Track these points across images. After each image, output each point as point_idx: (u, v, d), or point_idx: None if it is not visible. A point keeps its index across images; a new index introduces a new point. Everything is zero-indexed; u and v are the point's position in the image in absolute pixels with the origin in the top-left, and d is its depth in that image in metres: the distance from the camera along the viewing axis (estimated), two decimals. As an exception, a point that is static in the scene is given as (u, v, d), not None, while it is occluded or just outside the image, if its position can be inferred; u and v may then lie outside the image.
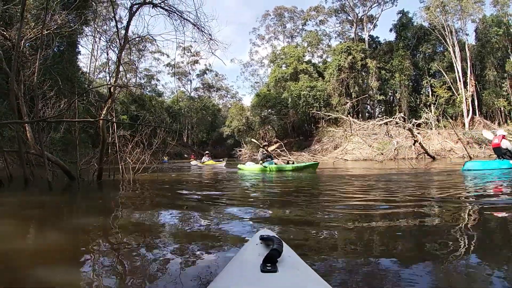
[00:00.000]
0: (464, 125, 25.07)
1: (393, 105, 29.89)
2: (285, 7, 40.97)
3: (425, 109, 26.34)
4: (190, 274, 1.47)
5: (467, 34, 28.50)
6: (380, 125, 19.69)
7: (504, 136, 7.22)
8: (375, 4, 32.57)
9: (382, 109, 31.01)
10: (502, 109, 25.64)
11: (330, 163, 13.99)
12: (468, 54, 26.04)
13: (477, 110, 26.44)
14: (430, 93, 28.19)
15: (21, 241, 2.15)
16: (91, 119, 5.65)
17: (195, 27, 6.62)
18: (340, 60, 27.06)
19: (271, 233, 1.12)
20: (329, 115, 23.14)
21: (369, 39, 32.97)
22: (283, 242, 0.98)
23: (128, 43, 7.10)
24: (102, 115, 5.79)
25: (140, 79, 43.40)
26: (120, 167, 6.94)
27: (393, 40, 30.49)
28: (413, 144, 15.11)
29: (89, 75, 30.29)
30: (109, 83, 6.65)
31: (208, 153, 17.67)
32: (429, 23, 27.97)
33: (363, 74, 28.79)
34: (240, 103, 43.54)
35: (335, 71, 27.21)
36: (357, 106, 27.95)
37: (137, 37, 7.33)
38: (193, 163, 17.56)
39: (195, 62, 45.81)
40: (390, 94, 29.97)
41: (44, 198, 4.33)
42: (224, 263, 1.50)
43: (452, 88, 26.59)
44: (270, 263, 0.84)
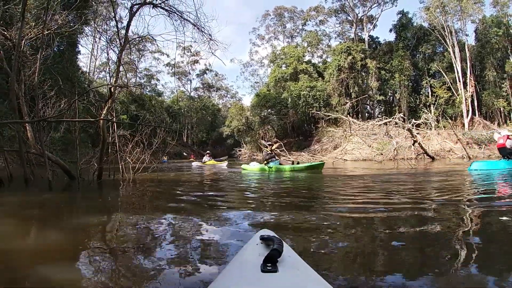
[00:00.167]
0: (463, 125, 25.08)
1: (393, 105, 29.90)
2: (285, 7, 40.99)
3: (424, 110, 26.35)
4: (190, 274, 1.47)
5: (467, 35, 28.55)
6: (380, 125, 19.71)
7: (509, 136, 7.26)
8: (375, 5, 32.60)
9: (382, 109, 31.02)
10: (501, 109, 25.65)
11: (329, 163, 13.98)
12: (468, 55, 26.05)
13: (476, 111, 26.45)
14: (430, 93, 28.20)
15: (21, 240, 2.16)
16: (92, 119, 5.66)
17: (195, 27, 6.65)
18: (340, 60, 27.06)
19: (271, 233, 1.12)
20: (328, 115, 23.14)
21: (369, 39, 32.97)
22: (283, 242, 0.98)
23: (128, 43, 7.11)
24: (103, 115, 5.80)
25: (140, 79, 43.41)
26: (120, 166, 6.95)
27: (393, 40, 30.54)
28: (413, 145, 15.12)
29: (89, 75, 30.30)
30: (109, 83, 6.66)
31: (209, 152, 17.37)
32: (429, 24, 27.98)
33: (363, 74, 28.79)
34: (240, 103, 43.46)
35: (335, 71, 27.21)
36: (356, 106, 27.95)
37: (138, 37, 7.34)
38: (194, 163, 17.09)
39: (195, 62, 45.86)
40: (389, 94, 29.98)
41: (44, 198, 4.33)
42: (224, 263, 1.51)
43: (452, 88, 26.61)
44: (270, 263, 0.84)
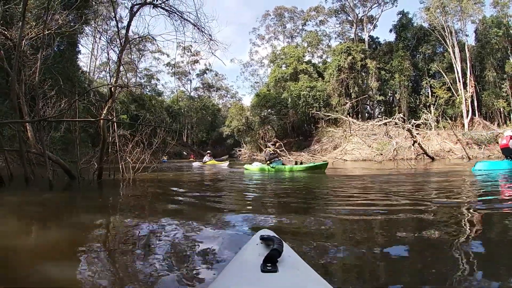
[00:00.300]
0: (463, 126, 25.09)
1: (393, 105, 29.90)
2: (285, 7, 41.04)
3: (424, 110, 26.38)
4: (190, 273, 1.48)
5: (467, 35, 28.55)
6: (380, 126, 19.72)
7: None
8: (375, 5, 32.61)
9: (382, 110, 31.03)
10: (501, 110, 25.64)
11: (329, 164, 13.96)
12: (468, 55, 26.05)
13: (476, 111, 26.45)
14: (430, 93, 28.20)
15: (22, 239, 2.17)
16: (92, 119, 5.66)
17: (195, 27, 6.65)
18: (340, 61, 27.06)
19: (271, 233, 1.12)
20: (328, 116, 23.16)
21: (369, 40, 32.97)
22: (283, 242, 0.98)
23: (128, 43, 7.11)
24: (103, 114, 5.80)
25: (140, 79, 43.42)
26: (120, 166, 6.95)
27: (393, 40, 30.54)
28: (412, 145, 15.14)
29: (89, 75, 30.30)
30: (109, 83, 6.67)
31: (209, 152, 17.09)
32: (429, 24, 27.98)
33: (363, 74, 28.80)
34: (240, 103, 43.45)
35: (335, 72, 27.21)
36: (356, 106, 27.95)
37: (138, 37, 7.35)
38: (194, 163, 16.88)
39: (195, 62, 45.88)
40: (389, 94, 29.99)
41: (44, 197, 4.34)
42: (224, 263, 1.52)
43: (452, 89, 26.61)
44: (270, 263, 0.84)
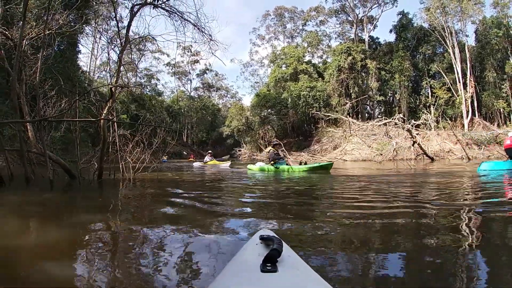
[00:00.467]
0: (463, 126, 25.12)
1: (393, 106, 29.92)
2: (286, 7, 41.11)
3: (424, 110, 26.40)
4: (190, 273, 1.48)
5: (467, 36, 28.61)
6: (379, 126, 19.75)
7: None
8: (375, 5, 32.65)
9: (382, 110, 31.05)
10: (501, 110, 25.66)
11: (329, 164, 13.96)
12: (468, 56, 26.07)
13: (476, 112, 26.47)
14: (430, 94, 28.23)
15: (22, 239, 2.17)
16: (93, 119, 5.67)
17: (196, 27, 6.67)
18: (340, 61, 27.08)
19: (271, 233, 1.12)
20: (328, 116, 23.17)
21: (369, 40, 33.00)
22: (283, 242, 0.98)
23: (129, 44, 7.12)
24: (103, 114, 5.81)
25: (140, 79, 43.45)
26: (120, 166, 6.95)
27: (393, 41, 30.56)
28: (412, 145, 15.16)
29: (89, 74, 30.30)
30: (110, 83, 6.68)
31: (210, 152, 16.77)
32: (429, 24, 28.01)
33: (363, 74, 28.82)
34: (240, 103, 43.48)
35: (335, 72, 27.22)
36: (356, 106, 27.97)
37: (138, 37, 7.36)
38: (195, 163, 16.56)
39: (195, 62, 45.92)
40: (389, 95, 30.01)
41: (45, 197, 4.34)
42: (224, 263, 1.53)
43: (452, 89, 26.64)
44: (270, 263, 0.84)
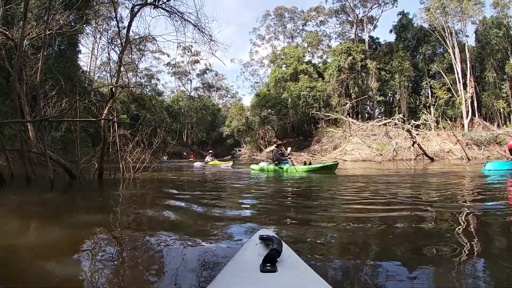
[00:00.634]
0: (463, 126, 25.12)
1: (393, 106, 29.92)
2: (286, 7, 41.10)
3: (424, 111, 26.40)
4: (189, 273, 1.48)
5: (467, 36, 28.59)
6: (379, 126, 19.76)
7: None
8: (376, 5, 32.64)
9: (382, 110, 31.04)
10: (501, 110, 25.67)
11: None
12: (468, 56, 26.07)
13: (476, 112, 26.48)
14: (430, 94, 28.22)
15: (22, 239, 2.18)
16: (93, 119, 5.68)
17: (196, 28, 6.68)
18: (340, 61, 27.08)
19: (271, 233, 1.12)
20: (328, 116, 23.17)
21: (369, 40, 32.98)
22: (283, 242, 0.98)
23: (129, 44, 7.13)
24: (104, 114, 5.82)
25: (141, 79, 43.44)
26: (120, 166, 6.96)
27: (393, 41, 30.51)
28: (412, 145, 15.17)
29: (89, 74, 30.31)
30: (110, 83, 6.68)
31: (211, 152, 16.54)
32: (429, 25, 28.00)
33: (363, 75, 28.82)
34: (240, 103, 43.45)
35: (335, 72, 27.23)
36: (356, 106, 27.97)
37: (139, 38, 7.36)
38: (196, 163, 16.36)
39: (195, 62, 45.93)
40: (389, 95, 30.01)
41: (45, 197, 4.35)
42: (223, 263, 1.53)
43: (452, 89, 26.65)
44: (269, 263, 0.84)
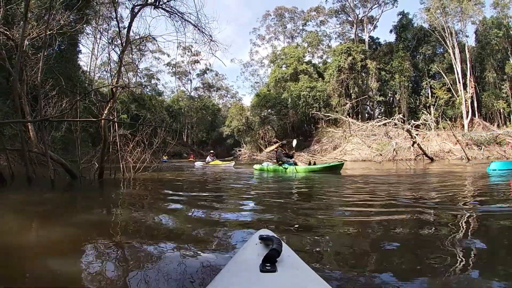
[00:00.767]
0: (463, 126, 25.12)
1: (393, 106, 29.91)
2: (286, 7, 41.02)
3: (424, 111, 26.40)
4: (189, 273, 1.49)
5: (467, 36, 28.56)
6: (379, 126, 19.77)
7: None
8: (376, 5, 32.60)
9: (382, 110, 31.01)
10: (501, 111, 25.66)
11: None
12: (468, 56, 26.06)
13: (476, 112, 26.47)
14: (430, 94, 28.21)
15: (23, 238, 2.19)
16: (94, 119, 5.69)
17: (196, 28, 6.69)
18: (340, 61, 27.07)
19: (271, 233, 1.12)
20: (328, 116, 23.17)
21: (369, 40, 32.96)
22: (283, 242, 0.98)
23: (129, 44, 7.14)
24: (104, 114, 5.84)
25: (141, 78, 43.42)
26: (121, 166, 6.97)
27: (393, 41, 30.49)
28: (412, 146, 15.18)
29: (89, 74, 30.30)
30: (110, 83, 6.70)
31: (212, 152, 16.33)
32: (429, 25, 27.99)
33: (363, 75, 28.80)
34: (240, 103, 43.38)
35: (335, 72, 27.22)
36: (356, 107, 27.96)
37: (139, 38, 7.37)
38: (197, 163, 16.14)
39: (195, 62, 45.91)
40: (389, 95, 29.99)
41: (46, 196, 4.37)
42: (223, 263, 1.54)
43: (452, 89, 26.64)
44: (269, 263, 0.84)
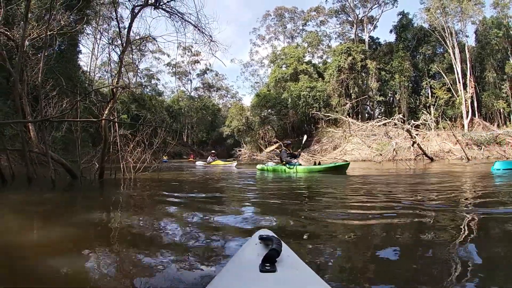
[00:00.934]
0: (463, 126, 25.12)
1: (393, 106, 29.91)
2: (286, 7, 41.05)
3: (424, 111, 26.40)
4: (189, 273, 1.49)
5: (467, 36, 28.53)
6: (379, 126, 19.77)
7: None
8: (376, 5, 32.59)
9: (382, 110, 30.99)
10: (501, 110, 25.66)
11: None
12: (468, 56, 26.06)
13: (476, 112, 26.46)
14: (430, 94, 28.20)
15: (24, 238, 2.20)
16: (94, 119, 5.71)
17: (196, 28, 6.70)
18: (340, 61, 27.07)
19: (270, 233, 1.13)
20: (328, 116, 23.18)
21: (369, 40, 32.94)
22: (282, 242, 0.99)
23: (130, 44, 7.15)
24: (105, 115, 5.85)
25: (141, 79, 43.46)
26: (121, 166, 6.98)
27: (393, 41, 30.46)
28: (412, 145, 15.18)
29: (89, 74, 30.32)
30: (111, 83, 6.71)
31: (213, 152, 16.12)
32: (429, 25, 27.98)
33: (363, 75, 28.79)
34: (240, 103, 43.39)
35: (335, 72, 27.21)
36: (356, 107, 27.96)
37: (139, 39, 7.38)
38: (198, 163, 16.04)
39: (196, 62, 45.94)
40: (389, 95, 29.98)
41: (47, 196, 4.38)
42: (223, 263, 1.54)
43: (452, 89, 26.64)
44: (269, 263, 0.85)
